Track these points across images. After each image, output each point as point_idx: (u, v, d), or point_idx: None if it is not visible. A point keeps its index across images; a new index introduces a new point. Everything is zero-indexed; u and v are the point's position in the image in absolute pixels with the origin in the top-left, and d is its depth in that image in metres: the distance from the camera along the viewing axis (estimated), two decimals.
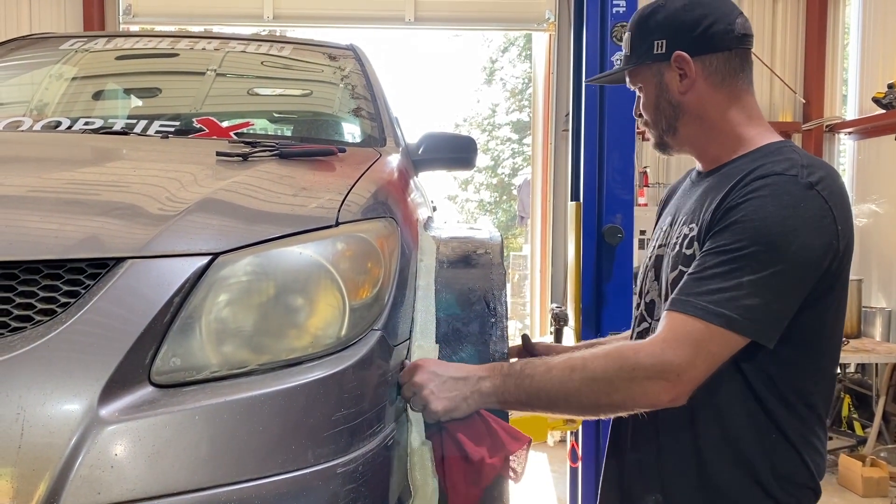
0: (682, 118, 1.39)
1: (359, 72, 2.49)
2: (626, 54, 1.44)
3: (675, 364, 1.18)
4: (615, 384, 1.20)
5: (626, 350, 1.23)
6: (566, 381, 1.23)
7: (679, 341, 1.19)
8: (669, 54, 1.36)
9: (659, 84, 1.39)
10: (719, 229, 1.23)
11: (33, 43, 2.63)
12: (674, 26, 1.37)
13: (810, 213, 1.19)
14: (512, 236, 14.73)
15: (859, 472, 4.43)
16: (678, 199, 1.49)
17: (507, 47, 18.13)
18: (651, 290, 1.44)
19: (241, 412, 1.07)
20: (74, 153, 1.75)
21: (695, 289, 1.21)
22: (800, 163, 1.25)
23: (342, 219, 1.29)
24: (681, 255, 1.33)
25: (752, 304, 1.17)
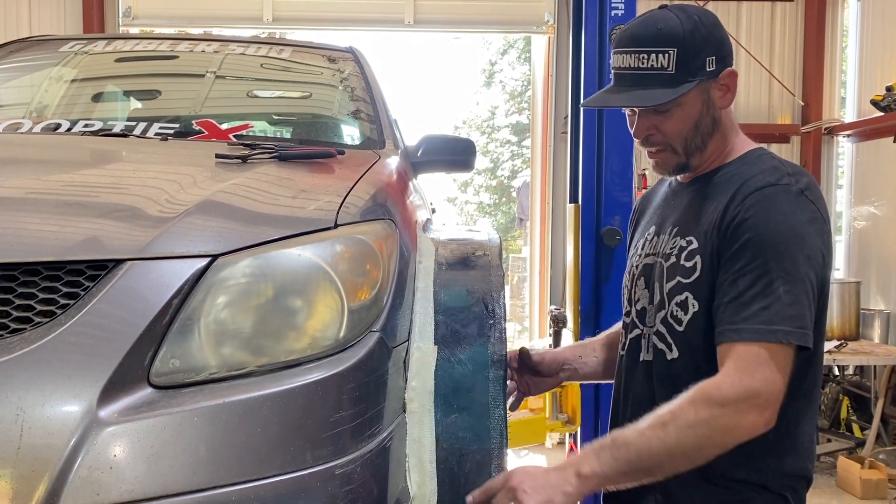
0: (715, 133, 1.40)
1: (358, 74, 2.50)
2: (670, 73, 1.34)
3: (756, 389, 1.20)
4: (712, 425, 1.20)
5: (708, 389, 1.21)
6: (663, 437, 1.20)
7: (752, 367, 1.21)
8: (720, 70, 1.36)
9: (706, 101, 1.37)
10: (736, 250, 1.26)
11: (33, 45, 2.63)
12: (718, 41, 1.37)
13: (808, 217, 1.27)
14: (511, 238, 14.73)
15: (858, 474, 4.42)
16: (660, 209, 1.50)
17: (507, 50, 18.13)
18: (642, 298, 1.45)
19: (239, 413, 1.07)
20: (74, 155, 1.75)
21: (741, 314, 1.23)
22: (786, 171, 1.32)
23: (341, 221, 1.29)
24: (678, 266, 1.35)
25: (795, 312, 1.22)
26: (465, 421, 1.39)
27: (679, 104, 1.36)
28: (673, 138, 1.39)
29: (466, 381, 1.41)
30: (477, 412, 1.40)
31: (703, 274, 1.31)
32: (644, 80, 1.36)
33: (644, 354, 1.43)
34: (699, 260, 1.32)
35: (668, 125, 1.38)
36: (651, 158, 1.45)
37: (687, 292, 1.33)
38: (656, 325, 1.39)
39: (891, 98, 5.15)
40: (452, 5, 6.28)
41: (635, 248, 1.54)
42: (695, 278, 1.32)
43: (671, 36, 1.34)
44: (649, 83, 1.35)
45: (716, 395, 1.20)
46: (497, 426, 1.39)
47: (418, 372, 1.38)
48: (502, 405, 1.41)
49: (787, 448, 1.32)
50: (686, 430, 1.20)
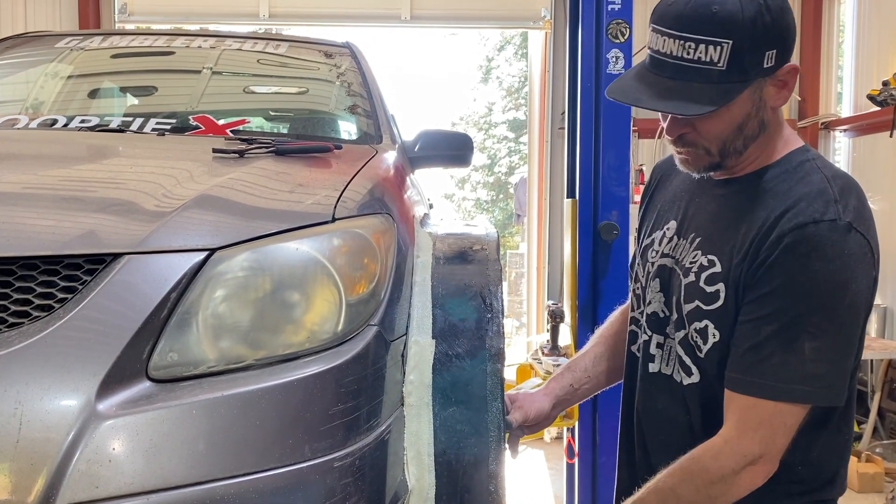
0: (760, 136, 1.21)
1: (355, 69, 2.50)
2: (721, 69, 1.13)
3: (756, 452, 1.16)
4: (713, 495, 1.19)
5: (707, 462, 1.19)
6: None
7: (753, 428, 1.16)
8: (779, 66, 1.16)
9: (757, 101, 1.18)
10: (766, 294, 1.14)
11: (29, 41, 2.63)
12: (782, 32, 1.15)
13: (855, 257, 1.13)
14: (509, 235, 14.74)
15: (855, 467, 4.44)
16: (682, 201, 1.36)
17: (504, 45, 18.13)
18: (654, 301, 1.35)
19: (238, 407, 1.07)
20: (71, 150, 1.75)
21: (757, 367, 1.15)
22: (833, 197, 1.15)
23: (338, 215, 1.29)
24: (698, 288, 1.24)
25: (819, 371, 1.13)
26: (462, 414, 1.39)
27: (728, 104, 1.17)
28: (710, 140, 1.21)
29: (464, 375, 1.41)
30: (475, 405, 1.40)
31: (726, 304, 1.20)
32: (687, 73, 1.15)
33: (655, 366, 1.36)
34: (722, 288, 1.20)
35: (708, 126, 1.19)
36: (678, 155, 1.27)
37: (707, 321, 1.22)
38: (676, 344, 1.30)
39: (887, 93, 5.15)
40: (449, 1, 6.27)
41: (652, 238, 1.39)
42: (717, 307, 1.21)
43: (728, 23, 1.11)
44: (693, 77, 1.14)
45: (715, 470, 1.17)
46: (495, 419, 1.40)
47: (416, 365, 1.39)
48: (500, 398, 1.41)
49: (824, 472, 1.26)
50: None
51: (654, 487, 1.23)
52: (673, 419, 1.32)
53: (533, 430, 1.61)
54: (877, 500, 4.27)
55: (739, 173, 1.26)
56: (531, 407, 1.57)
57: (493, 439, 1.38)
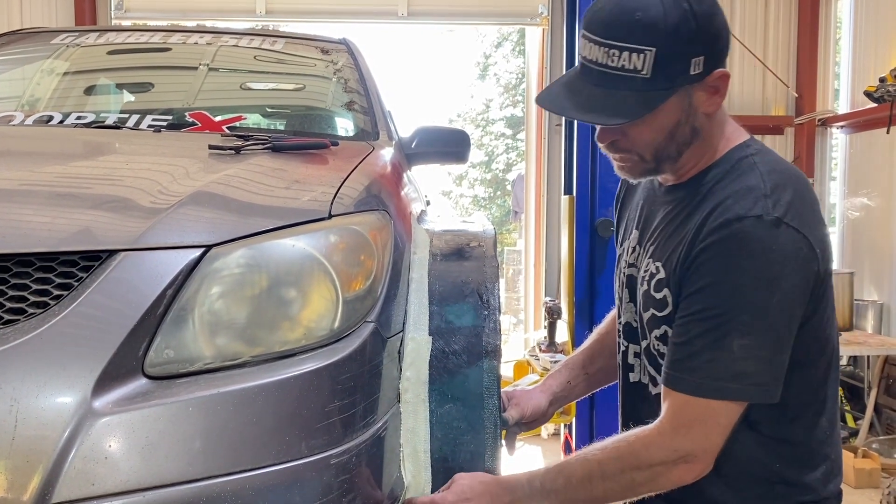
0: (694, 142, 1.20)
1: (351, 66, 2.49)
2: (644, 77, 1.11)
3: (688, 449, 1.16)
4: (638, 482, 1.19)
5: (638, 447, 1.19)
6: (590, 488, 1.21)
7: (685, 425, 1.16)
8: (707, 72, 1.13)
9: (687, 108, 1.16)
10: (695, 290, 1.15)
11: (24, 37, 2.62)
12: (710, 37, 1.12)
13: (784, 252, 1.11)
14: (506, 232, 14.74)
15: (851, 463, 4.45)
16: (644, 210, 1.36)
17: (501, 42, 18.12)
18: (627, 311, 1.37)
19: (234, 404, 1.07)
20: (67, 147, 1.75)
21: (687, 363, 1.15)
22: (762, 192, 1.13)
23: (335, 211, 1.29)
24: (650, 297, 1.25)
25: (749, 368, 1.12)
26: (459, 411, 1.39)
27: (653, 113, 1.15)
28: (642, 147, 1.19)
29: (461, 372, 1.41)
30: (471, 402, 1.40)
31: (674, 309, 1.20)
32: (612, 81, 1.13)
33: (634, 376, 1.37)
34: (668, 293, 1.21)
35: (638, 133, 1.18)
36: (615, 162, 1.25)
37: (664, 326, 1.23)
38: (642, 355, 1.32)
39: (884, 89, 5.16)
40: None
41: (622, 248, 1.42)
42: (668, 313, 1.22)
43: (651, 30, 1.09)
44: (618, 85, 1.13)
45: (644, 457, 1.17)
46: (491, 416, 1.40)
47: (413, 362, 1.39)
48: (496, 395, 1.41)
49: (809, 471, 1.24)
50: (612, 486, 1.20)
51: (582, 456, 1.24)
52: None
53: (530, 426, 1.62)
54: (873, 496, 4.28)
55: (685, 177, 1.25)
56: (528, 404, 1.57)
57: (489, 436, 1.38)
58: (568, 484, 1.23)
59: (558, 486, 1.23)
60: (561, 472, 1.24)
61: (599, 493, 1.21)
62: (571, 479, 1.22)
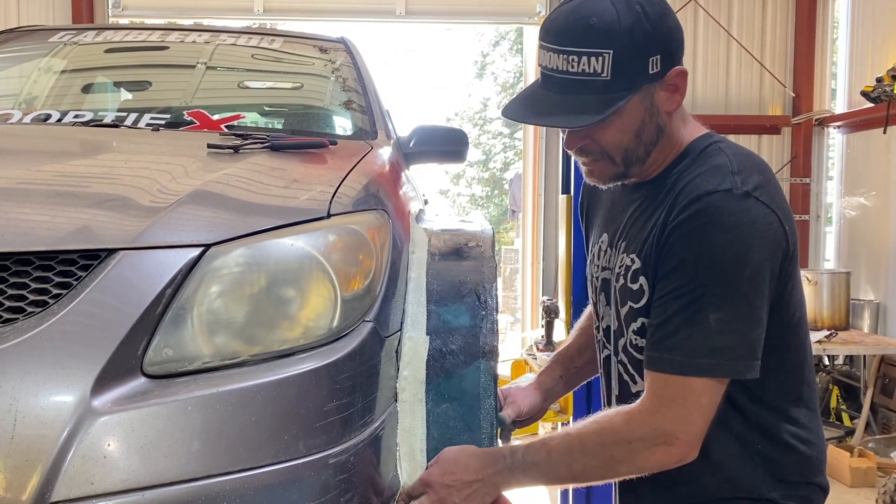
0: (660, 141, 1.22)
1: (350, 64, 2.49)
2: (605, 79, 1.13)
3: (668, 429, 1.14)
4: (617, 459, 1.17)
5: (618, 422, 1.18)
6: (570, 463, 1.20)
7: (666, 404, 1.14)
8: (665, 70, 1.17)
9: (649, 108, 1.19)
10: (669, 270, 1.15)
11: (22, 36, 2.62)
12: (664, 36, 1.16)
13: (755, 225, 1.12)
14: (504, 230, 14.76)
15: (847, 462, 4.46)
16: (610, 212, 1.37)
17: (499, 41, 18.13)
18: (606, 316, 1.36)
19: (233, 403, 1.07)
20: (65, 145, 1.75)
21: (665, 342, 1.14)
22: (730, 170, 1.15)
23: (334, 211, 1.29)
24: (627, 289, 1.25)
25: (726, 343, 1.11)
26: (455, 410, 1.40)
27: (618, 114, 1.17)
28: (611, 149, 1.21)
29: (458, 371, 1.42)
30: (467, 402, 1.40)
31: (650, 297, 1.20)
32: (574, 86, 1.15)
33: (614, 378, 1.36)
34: (644, 281, 1.21)
35: (605, 136, 1.20)
36: (584, 167, 1.27)
37: (641, 318, 1.22)
38: (620, 353, 1.31)
39: (881, 89, 5.17)
40: None
41: (592, 253, 1.42)
42: (644, 303, 1.21)
43: (607, 34, 1.12)
44: (580, 90, 1.15)
45: (624, 432, 1.16)
46: (487, 416, 1.40)
47: (410, 361, 1.39)
48: (493, 395, 1.42)
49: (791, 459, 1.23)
50: (591, 463, 1.19)
51: (565, 431, 1.24)
52: None
53: (526, 424, 1.62)
54: (869, 495, 4.30)
55: (651, 175, 1.27)
56: (524, 401, 1.58)
57: (485, 436, 1.39)
58: (549, 458, 1.21)
59: (539, 459, 1.22)
60: (544, 446, 1.23)
61: (578, 468, 1.19)
62: (552, 454, 1.21)
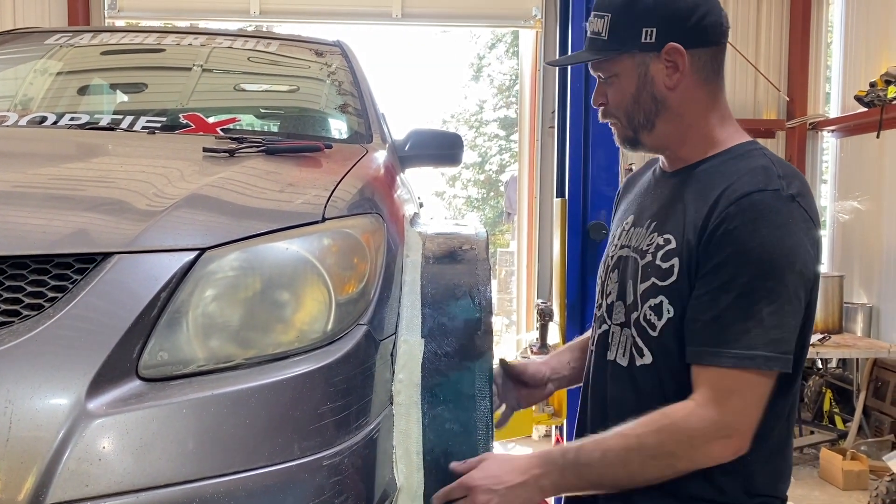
0: (663, 114, 1.31)
1: (345, 68, 2.50)
2: (603, 39, 1.29)
3: (727, 422, 1.16)
4: (677, 455, 1.18)
5: (677, 418, 1.19)
6: (627, 462, 1.20)
7: (725, 397, 1.16)
8: (661, 44, 1.26)
9: (643, 76, 1.29)
10: (718, 263, 1.18)
11: (18, 37, 2.62)
12: (667, 13, 1.26)
13: (800, 226, 1.18)
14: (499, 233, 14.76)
15: (840, 465, 4.48)
16: (640, 197, 1.43)
17: (495, 44, 18.13)
18: (612, 292, 1.39)
19: (227, 406, 1.08)
20: (61, 148, 1.75)
21: (720, 336, 1.17)
22: (776, 174, 1.22)
23: (328, 214, 1.30)
24: (654, 266, 1.28)
25: (780, 336, 1.16)
26: (451, 413, 1.40)
27: (615, 73, 1.31)
28: (615, 109, 1.35)
29: (453, 374, 1.42)
30: (463, 404, 1.41)
31: (679, 279, 1.23)
32: (588, 43, 1.35)
33: (611, 354, 1.37)
34: (677, 262, 1.24)
35: (611, 95, 1.34)
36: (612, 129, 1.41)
37: (662, 296, 1.25)
38: (630, 326, 1.32)
39: (874, 94, 5.20)
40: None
41: (612, 237, 1.47)
42: (671, 282, 1.24)
43: (610, 2, 1.30)
44: (590, 47, 1.34)
45: (683, 427, 1.18)
46: (483, 418, 1.41)
47: (405, 364, 1.39)
48: (488, 397, 1.42)
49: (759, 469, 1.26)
50: (650, 461, 1.19)
51: (619, 432, 1.22)
52: (621, 403, 1.33)
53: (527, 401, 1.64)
54: (861, 498, 4.32)
55: (683, 163, 1.34)
56: (531, 365, 1.62)
57: (481, 438, 1.39)
58: (604, 457, 1.21)
59: (593, 459, 1.21)
60: (598, 445, 1.22)
61: (636, 466, 1.20)
62: (608, 453, 1.21)
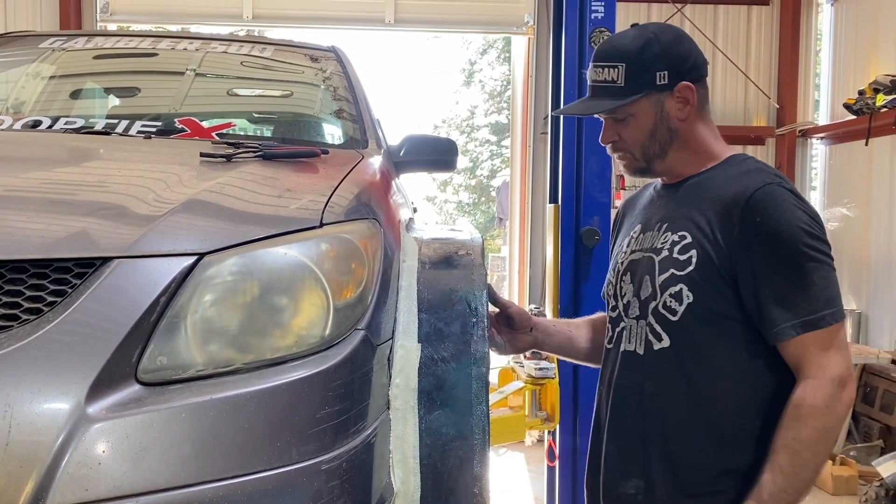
0: (675, 143, 1.48)
1: (340, 73, 2.51)
2: (620, 86, 1.46)
3: (837, 374, 1.31)
4: (829, 426, 1.31)
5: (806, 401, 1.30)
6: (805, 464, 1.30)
7: (827, 356, 1.31)
8: (673, 84, 1.45)
9: (659, 113, 1.46)
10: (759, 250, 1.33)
11: (11, 41, 2.61)
12: (672, 58, 1.45)
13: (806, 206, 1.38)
14: (490, 238, 14.77)
15: (829, 470, 4.51)
16: (645, 210, 1.58)
17: (486, 49, 18.17)
18: (628, 293, 1.52)
19: (226, 410, 1.08)
20: (58, 153, 1.75)
21: (789, 311, 1.32)
22: (773, 173, 1.43)
23: (326, 220, 1.30)
24: (672, 259, 1.42)
25: (831, 294, 1.33)
26: (448, 417, 1.41)
27: (632, 114, 1.46)
28: (631, 145, 1.49)
29: (449, 379, 1.43)
30: (460, 409, 1.42)
31: (698, 268, 1.38)
32: (600, 91, 1.49)
33: (626, 345, 1.49)
34: (695, 254, 1.39)
35: (626, 133, 1.49)
36: (619, 161, 1.56)
37: (681, 284, 1.39)
38: (648, 316, 1.45)
39: (863, 102, 5.25)
40: (433, 5, 6.30)
41: (620, 247, 1.61)
42: (689, 271, 1.39)
43: (621, 52, 1.47)
44: (603, 94, 1.48)
45: (816, 403, 1.30)
46: (479, 422, 1.42)
47: (402, 369, 1.40)
48: (484, 402, 1.43)
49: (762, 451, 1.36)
50: (818, 446, 1.30)
51: (778, 447, 1.32)
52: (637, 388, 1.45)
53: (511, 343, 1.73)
54: (850, 503, 4.34)
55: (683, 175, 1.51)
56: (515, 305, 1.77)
57: (477, 442, 1.40)
58: (789, 475, 1.30)
59: (783, 485, 1.30)
60: (775, 474, 1.31)
61: (812, 460, 1.31)
62: (786, 469, 1.30)
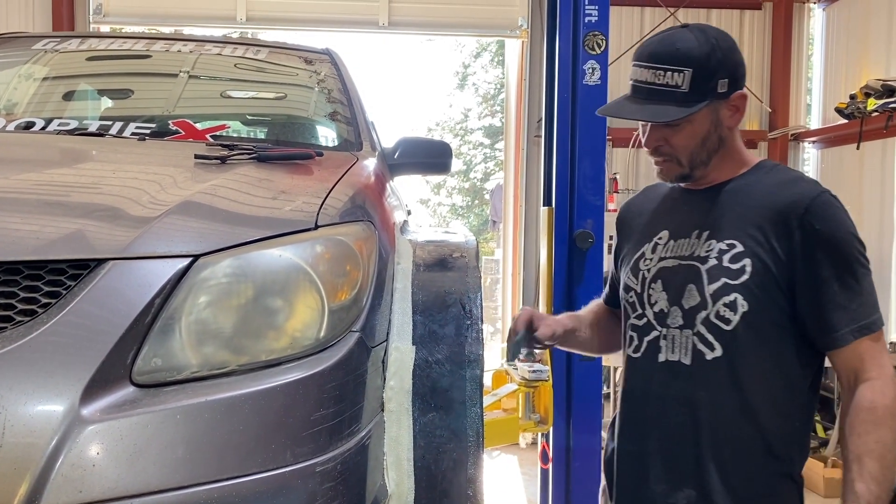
0: (721, 151, 1.49)
1: (335, 76, 2.51)
2: (684, 91, 1.42)
3: (892, 371, 1.35)
4: None
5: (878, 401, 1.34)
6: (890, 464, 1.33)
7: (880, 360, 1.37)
8: (730, 92, 1.44)
9: (715, 121, 1.46)
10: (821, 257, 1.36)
11: (4, 42, 2.60)
12: (731, 64, 1.45)
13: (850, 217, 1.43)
14: (484, 240, 14.77)
15: (821, 473, 4.53)
16: (668, 214, 1.57)
17: (480, 52, 18.20)
18: (660, 301, 1.50)
19: (221, 412, 1.08)
20: (52, 154, 1.74)
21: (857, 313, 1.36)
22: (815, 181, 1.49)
23: (321, 222, 1.31)
24: (723, 268, 1.42)
25: (875, 300, 1.39)
26: (441, 420, 1.41)
27: (689, 121, 1.44)
28: (680, 152, 1.48)
29: (443, 381, 1.44)
30: (454, 411, 1.42)
31: (752, 277, 1.39)
32: (658, 95, 1.44)
33: (669, 355, 1.46)
34: (748, 263, 1.39)
35: (677, 139, 1.47)
36: (656, 165, 1.53)
37: (736, 293, 1.39)
38: (696, 325, 1.43)
39: (854, 106, 5.28)
40: (427, 8, 6.30)
41: (640, 254, 1.57)
42: (744, 280, 1.39)
43: (688, 56, 1.42)
44: (663, 99, 1.44)
45: (886, 402, 1.34)
46: (473, 425, 1.42)
47: (396, 371, 1.40)
48: (479, 404, 1.44)
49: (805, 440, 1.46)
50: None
51: (861, 454, 1.34)
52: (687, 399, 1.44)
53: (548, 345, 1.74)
54: None
55: (715, 181, 1.51)
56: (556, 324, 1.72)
57: (471, 444, 1.41)
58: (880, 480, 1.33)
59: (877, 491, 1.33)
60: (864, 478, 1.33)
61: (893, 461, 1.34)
62: (875, 475, 1.32)
